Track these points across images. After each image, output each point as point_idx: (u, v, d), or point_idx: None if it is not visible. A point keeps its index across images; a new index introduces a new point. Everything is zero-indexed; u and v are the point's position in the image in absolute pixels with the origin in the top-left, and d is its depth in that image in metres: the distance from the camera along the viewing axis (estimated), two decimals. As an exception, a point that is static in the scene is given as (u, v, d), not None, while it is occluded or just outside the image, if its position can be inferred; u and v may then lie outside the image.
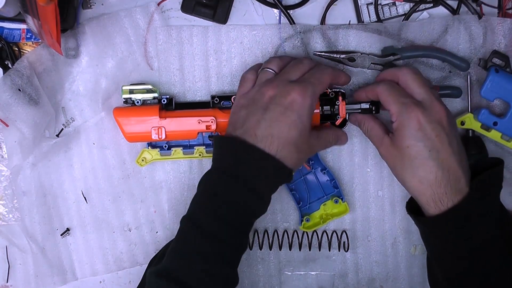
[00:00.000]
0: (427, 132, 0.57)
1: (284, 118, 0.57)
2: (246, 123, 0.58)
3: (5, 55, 0.69)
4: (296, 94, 0.57)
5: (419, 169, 0.58)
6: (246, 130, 0.57)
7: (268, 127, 0.57)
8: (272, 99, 0.58)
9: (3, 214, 0.73)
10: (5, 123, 0.70)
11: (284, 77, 0.60)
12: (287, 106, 0.57)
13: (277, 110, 0.57)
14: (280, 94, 0.58)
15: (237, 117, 0.60)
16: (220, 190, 0.57)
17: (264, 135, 0.56)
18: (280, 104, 0.57)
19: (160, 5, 0.69)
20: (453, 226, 0.57)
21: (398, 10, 0.69)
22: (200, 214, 0.58)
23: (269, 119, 0.57)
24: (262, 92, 0.59)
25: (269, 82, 0.60)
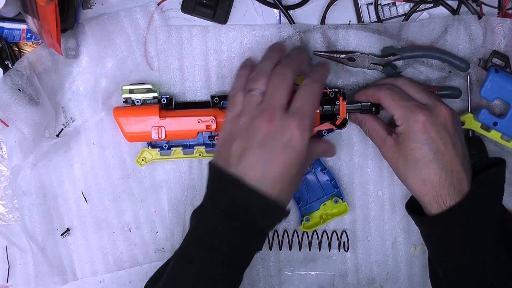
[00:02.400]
0: (432, 135, 0.57)
1: (284, 158, 0.53)
2: (243, 161, 0.54)
3: (5, 55, 0.69)
4: (294, 130, 0.53)
5: (422, 171, 0.58)
6: (244, 170, 0.53)
7: (268, 169, 0.53)
8: (269, 135, 0.54)
9: (3, 214, 0.73)
10: (5, 123, 0.70)
11: (275, 103, 0.55)
12: (286, 144, 0.53)
13: (276, 148, 0.53)
14: (278, 130, 0.54)
15: (230, 150, 0.55)
16: (218, 230, 0.54)
17: (265, 178, 0.53)
18: (279, 141, 0.53)
19: (160, 5, 0.69)
20: (454, 225, 0.58)
21: (398, 10, 0.69)
22: (196, 250, 0.55)
23: (269, 160, 0.53)
24: (257, 125, 0.54)
25: (262, 112, 0.55)
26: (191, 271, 0.54)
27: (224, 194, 0.55)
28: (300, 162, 0.55)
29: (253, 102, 0.56)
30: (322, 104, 0.66)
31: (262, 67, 0.59)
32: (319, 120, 0.66)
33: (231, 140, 0.56)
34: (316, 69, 0.61)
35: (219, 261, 0.54)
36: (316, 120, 0.66)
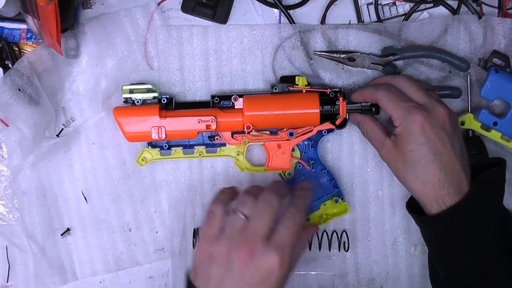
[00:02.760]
0: (431, 136, 0.57)
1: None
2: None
3: (5, 55, 0.69)
4: (273, 264, 0.54)
5: (422, 172, 0.58)
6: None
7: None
8: (248, 268, 0.54)
9: (3, 214, 0.73)
10: (5, 123, 0.70)
11: (257, 233, 0.55)
12: (264, 277, 0.54)
13: (253, 282, 0.54)
14: (257, 264, 0.54)
15: (209, 274, 0.56)
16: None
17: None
18: (257, 276, 0.54)
19: (160, 5, 0.69)
20: (454, 225, 0.58)
21: (398, 10, 0.69)
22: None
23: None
24: (236, 255, 0.55)
25: (243, 242, 0.55)
26: None
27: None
28: (282, 282, 0.55)
29: (235, 227, 0.57)
30: (322, 103, 0.66)
31: (251, 190, 0.59)
32: (319, 120, 0.66)
33: (210, 263, 0.56)
34: (299, 194, 0.62)
35: None
36: (316, 120, 0.66)
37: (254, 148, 0.71)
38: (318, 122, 0.66)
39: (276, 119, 0.66)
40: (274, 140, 0.68)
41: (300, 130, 0.68)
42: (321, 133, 0.68)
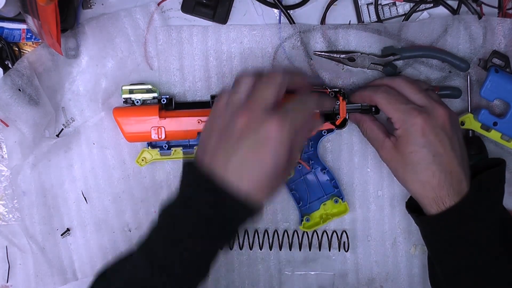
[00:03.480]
0: (431, 138, 0.57)
1: (256, 157, 0.51)
2: (217, 154, 0.52)
3: (5, 55, 0.69)
4: (271, 128, 0.51)
5: (422, 174, 0.58)
6: (216, 163, 0.52)
7: (239, 166, 0.51)
8: (244, 132, 0.51)
9: (3, 214, 0.73)
10: (5, 123, 0.70)
11: (258, 101, 0.53)
12: (261, 142, 0.51)
13: (248, 146, 0.51)
14: (253, 126, 0.51)
15: (208, 140, 0.54)
16: (184, 225, 0.53)
17: (234, 174, 0.51)
18: (253, 139, 0.51)
19: (160, 5, 0.69)
20: (453, 225, 0.58)
21: (398, 10, 0.69)
22: (159, 248, 0.53)
23: (240, 157, 0.51)
24: (234, 121, 0.52)
25: (242, 107, 0.53)
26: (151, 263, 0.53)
27: (195, 189, 0.53)
28: (275, 165, 0.51)
29: (237, 99, 0.55)
30: None
31: (255, 71, 0.57)
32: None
33: (209, 135, 0.55)
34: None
35: (185, 254, 0.52)
36: (316, 121, 0.66)
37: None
38: (318, 123, 0.66)
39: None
40: (274, 140, 0.68)
41: (299, 130, 0.67)
42: (321, 133, 0.68)
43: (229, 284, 0.73)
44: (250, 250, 0.72)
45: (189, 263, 0.53)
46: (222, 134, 0.53)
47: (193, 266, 0.53)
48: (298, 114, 0.54)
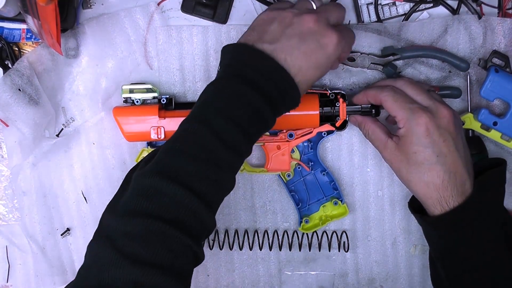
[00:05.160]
0: (435, 138, 0.57)
1: (316, 56, 0.55)
2: (279, 42, 0.54)
3: (5, 55, 0.69)
4: (333, 39, 0.55)
5: (426, 174, 0.58)
6: (277, 49, 0.54)
7: (299, 58, 0.54)
8: (311, 32, 0.55)
9: (3, 214, 0.73)
10: (5, 123, 0.70)
11: (325, 16, 0.56)
12: (323, 46, 0.55)
13: (313, 45, 0.54)
14: (320, 32, 0.55)
15: (266, 28, 0.56)
16: (237, 95, 0.53)
17: (293, 64, 0.54)
18: (317, 41, 0.54)
19: (160, 5, 0.69)
20: (456, 226, 0.58)
21: (398, 10, 0.69)
22: (213, 116, 0.52)
23: (303, 51, 0.54)
24: (303, 19, 0.55)
25: (311, 12, 0.56)
26: (212, 138, 0.51)
27: (251, 65, 0.53)
28: (325, 69, 0.56)
29: (304, 6, 0.58)
30: (322, 105, 0.66)
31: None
32: (319, 122, 0.66)
33: (269, 22, 0.56)
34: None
35: (238, 129, 0.52)
36: (316, 122, 0.66)
37: (254, 148, 0.71)
38: (318, 124, 0.66)
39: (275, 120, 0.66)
40: (274, 141, 0.68)
41: (299, 132, 0.68)
42: (321, 134, 0.68)
43: (229, 283, 0.74)
44: (250, 250, 0.72)
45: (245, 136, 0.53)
46: (287, 26, 0.55)
47: (248, 140, 0.54)
48: (349, 37, 0.60)
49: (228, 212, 0.72)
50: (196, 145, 0.51)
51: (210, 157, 0.50)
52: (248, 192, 0.72)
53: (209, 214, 0.51)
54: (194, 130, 0.52)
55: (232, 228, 0.73)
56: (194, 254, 0.50)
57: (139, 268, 0.46)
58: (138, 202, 0.49)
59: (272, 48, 0.54)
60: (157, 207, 0.48)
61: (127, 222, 0.49)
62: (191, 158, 0.50)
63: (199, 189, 0.50)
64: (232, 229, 0.72)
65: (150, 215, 0.48)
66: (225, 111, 0.52)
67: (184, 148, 0.51)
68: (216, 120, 0.51)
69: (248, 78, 0.53)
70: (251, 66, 0.53)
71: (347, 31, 0.60)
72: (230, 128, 0.51)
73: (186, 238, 0.49)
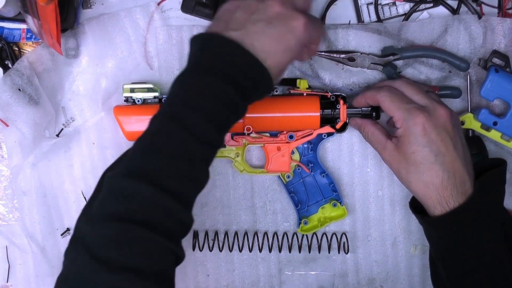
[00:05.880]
0: (432, 138, 0.57)
1: (283, 41, 0.52)
2: (245, 27, 0.52)
3: (5, 55, 0.69)
4: (300, 21, 0.53)
5: (425, 174, 0.58)
6: (244, 35, 0.51)
7: (267, 42, 0.52)
8: (277, 16, 0.53)
9: (3, 214, 0.73)
10: (5, 123, 0.70)
11: (290, 0, 0.55)
12: (291, 29, 0.53)
13: (280, 29, 0.52)
14: (287, 15, 0.53)
15: (232, 16, 0.53)
16: (205, 86, 0.51)
17: (261, 49, 0.51)
18: (285, 25, 0.53)
19: (160, 5, 0.69)
20: (457, 226, 0.58)
21: (398, 10, 0.69)
22: (182, 110, 0.50)
23: (270, 36, 0.52)
24: (267, 4, 0.53)
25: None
26: (182, 133, 0.49)
27: (217, 53, 0.51)
28: (294, 52, 0.54)
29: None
30: (322, 107, 0.66)
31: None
32: (319, 123, 0.66)
33: (234, 11, 0.54)
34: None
35: (208, 121, 0.50)
36: (316, 124, 0.66)
37: (254, 149, 0.71)
38: (318, 126, 0.66)
39: (276, 121, 0.66)
40: (274, 142, 0.68)
41: (300, 133, 0.68)
42: (321, 136, 0.68)
43: (229, 283, 0.74)
44: (250, 252, 0.72)
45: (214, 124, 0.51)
46: (253, 12, 0.53)
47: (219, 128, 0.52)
48: (317, 24, 0.58)
49: (228, 213, 0.72)
50: (167, 142, 0.49)
51: (182, 153, 0.49)
52: (248, 192, 0.72)
53: (186, 212, 0.50)
54: (164, 127, 0.50)
55: (232, 228, 0.73)
56: (173, 254, 0.49)
57: (116, 274, 0.45)
58: (112, 205, 0.48)
59: (238, 34, 0.51)
60: (131, 210, 0.47)
61: (101, 226, 0.48)
62: (162, 156, 0.49)
63: (173, 188, 0.48)
64: (232, 230, 0.72)
65: (124, 218, 0.47)
66: (194, 104, 0.50)
67: (155, 146, 0.50)
68: (185, 115, 0.49)
69: (215, 67, 0.51)
70: (218, 54, 0.51)
71: (315, 18, 0.59)
72: (200, 121, 0.49)
73: (163, 239, 0.48)
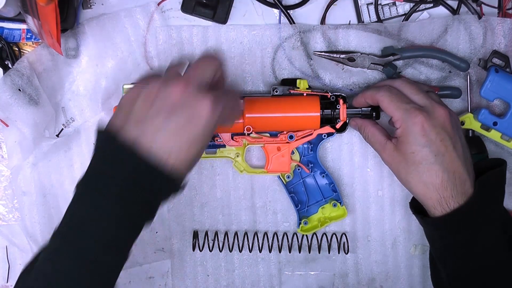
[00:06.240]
0: (432, 137, 0.57)
1: (187, 132, 0.49)
2: (143, 124, 0.49)
3: (5, 55, 0.69)
4: (206, 106, 0.49)
5: (424, 174, 0.58)
6: (141, 135, 0.49)
7: (166, 140, 0.49)
8: (178, 106, 0.49)
9: (3, 214, 0.73)
10: (5, 123, 0.70)
11: (195, 78, 0.52)
12: (194, 117, 0.49)
13: (182, 119, 0.49)
14: (189, 102, 0.50)
15: (132, 107, 0.50)
16: (103, 202, 0.49)
17: (161, 150, 0.49)
18: (188, 114, 0.49)
19: (160, 5, 0.69)
20: (458, 227, 0.58)
21: (398, 10, 0.69)
22: (78, 238, 0.50)
23: (172, 130, 0.49)
24: (168, 92, 0.50)
25: (178, 81, 0.51)
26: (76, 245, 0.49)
27: (113, 166, 0.49)
28: (203, 143, 0.51)
29: (171, 73, 0.53)
30: (322, 107, 0.66)
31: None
32: (319, 123, 0.66)
33: (134, 101, 0.51)
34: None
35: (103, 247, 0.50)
36: (317, 124, 0.66)
37: (254, 149, 0.71)
38: (318, 126, 0.66)
39: (276, 121, 0.66)
40: (274, 142, 0.68)
41: (300, 133, 0.68)
42: (321, 136, 0.68)
43: (229, 284, 0.74)
44: (250, 252, 0.72)
45: (108, 246, 0.50)
46: (153, 103, 0.50)
47: (113, 249, 0.51)
48: (229, 99, 0.55)
49: (228, 213, 0.72)
50: (62, 262, 0.49)
51: (75, 276, 0.49)
52: (248, 192, 0.72)
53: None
54: (60, 248, 0.50)
55: (232, 228, 0.73)
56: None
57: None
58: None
59: (136, 135, 0.49)
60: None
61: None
62: (59, 276, 0.49)
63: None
64: (232, 230, 0.72)
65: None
66: (84, 228, 0.49)
67: (53, 266, 0.50)
68: (80, 243, 0.49)
69: (108, 184, 0.49)
70: (111, 165, 0.49)
71: (226, 92, 0.56)
72: (95, 249, 0.49)
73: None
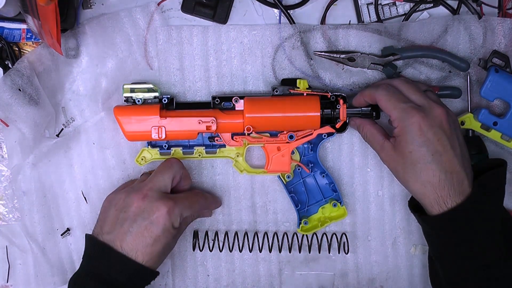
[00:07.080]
0: (429, 137, 0.57)
1: (148, 235, 0.60)
2: (115, 229, 0.61)
3: (5, 55, 0.69)
4: (161, 211, 0.61)
5: (422, 173, 0.58)
6: (113, 238, 0.61)
7: (132, 241, 0.60)
8: (139, 212, 0.61)
9: (3, 214, 0.73)
10: (5, 123, 0.70)
11: (153, 184, 0.63)
12: (153, 221, 0.61)
13: (142, 225, 0.60)
14: (146, 211, 0.61)
15: (106, 215, 0.63)
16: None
17: (130, 248, 0.60)
18: (146, 219, 0.61)
19: (160, 5, 0.69)
20: (455, 226, 0.58)
21: (398, 10, 0.69)
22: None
23: (135, 233, 0.60)
24: (130, 201, 0.62)
25: (139, 188, 0.63)
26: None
27: (97, 260, 0.61)
28: (167, 238, 0.62)
29: (136, 184, 0.65)
30: (322, 107, 0.66)
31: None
32: (319, 123, 0.66)
33: (108, 209, 0.64)
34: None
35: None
36: (317, 124, 0.66)
37: (254, 149, 0.71)
38: (319, 126, 0.66)
39: (276, 121, 0.66)
40: (274, 142, 0.68)
41: (300, 133, 0.68)
42: (321, 136, 0.68)
43: (230, 283, 0.74)
44: (250, 252, 0.72)
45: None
46: (120, 212, 0.62)
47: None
48: (192, 201, 0.66)
49: (228, 212, 0.72)
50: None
51: None
52: (248, 192, 0.72)
53: None
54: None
55: (233, 228, 0.73)
56: None
57: None
58: None
59: (110, 238, 0.61)
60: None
61: None
62: None
63: None
64: (233, 229, 0.72)
65: None
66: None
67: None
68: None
69: (93, 274, 0.60)
70: (97, 261, 0.61)
71: (188, 195, 0.66)
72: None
73: None
